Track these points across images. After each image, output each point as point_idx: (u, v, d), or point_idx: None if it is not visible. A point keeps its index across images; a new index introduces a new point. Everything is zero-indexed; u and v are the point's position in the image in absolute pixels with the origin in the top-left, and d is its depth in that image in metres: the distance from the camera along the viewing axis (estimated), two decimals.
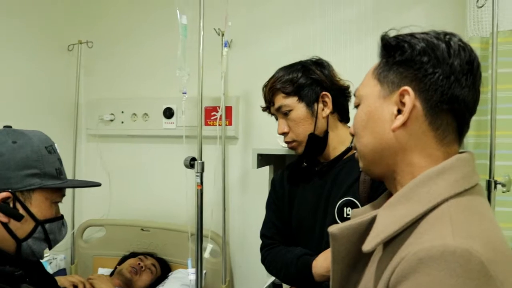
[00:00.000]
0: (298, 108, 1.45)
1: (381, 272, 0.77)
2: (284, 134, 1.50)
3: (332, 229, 0.86)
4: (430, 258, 0.66)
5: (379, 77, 0.87)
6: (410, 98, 0.80)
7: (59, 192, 1.19)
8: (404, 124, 0.81)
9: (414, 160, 0.83)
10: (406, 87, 0.81)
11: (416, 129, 0.81)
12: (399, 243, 0.75)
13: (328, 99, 1.46)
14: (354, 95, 0.96)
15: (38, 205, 1.12)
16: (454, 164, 0.79)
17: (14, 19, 2.48)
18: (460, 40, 0.82)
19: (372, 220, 0.82)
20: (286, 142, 1.52)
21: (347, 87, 1.52)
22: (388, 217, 0.79)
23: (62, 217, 1.21)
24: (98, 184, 1.29)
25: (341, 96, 1.51)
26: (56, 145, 1.20)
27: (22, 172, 1.08)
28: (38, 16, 2.64)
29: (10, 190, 1.07)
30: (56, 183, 1.15)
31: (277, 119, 1.53)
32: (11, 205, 1.07)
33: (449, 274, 0.64)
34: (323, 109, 1.46)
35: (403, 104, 0.81)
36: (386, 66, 0.86)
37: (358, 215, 0.98)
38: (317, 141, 1.46)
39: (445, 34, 0.83)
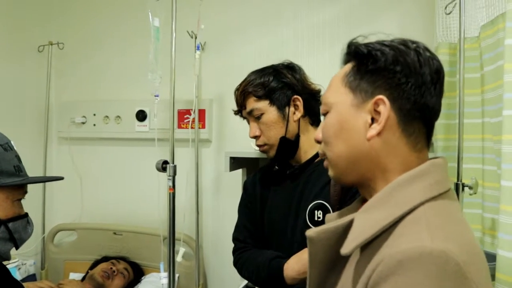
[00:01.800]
0: (269, 112, 1.46)
1: (359, 275, 0.77)
2: (256, 137, 1.51)
3: (310, 232, 0.86)
4: (408, 259, 0.68)
5: (350, 85, 0.86)
6: (386, 107, 0.81)
7: (21, 190, 1.16)
8: (379, 133, 0.82)
9: (388, 167, 0.84)
10: (381, 96, 0.81)
11: (390, 137, 0.82)
12: (377, 246, 0.76)
13: (299, 103, 1.47)
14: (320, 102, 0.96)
15: None
16: (429, 169, 0.81)
17: None
18: (426, 48, 0.84)
19: (349, 224, 0.82)
20: (258, 146, 1.53)
21: (318, 91, 1.54)
22: (365, 221, 0.79)
23: (26, 215, 1.18)
24: (61, 178, 1.27)
25: (312, 100, 1.52)
26: (12, 142, 1.17)
27: None
28: (7, 16, 2.59)
29: None
30: (15, 180, 1.12)
31: (249, 123, 1.54)
32: None
33: (426, 275, 0.66)
34: (294, 113, 1.47)
35: (377, 113, 0.82)
36: (357, 74, 0.86)
37: (331, 219, 0.98)
38: (289, 145, 1.47)
39: (412, 42, 0.84)
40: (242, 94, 1.50)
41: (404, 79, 0.81)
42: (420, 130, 0.84)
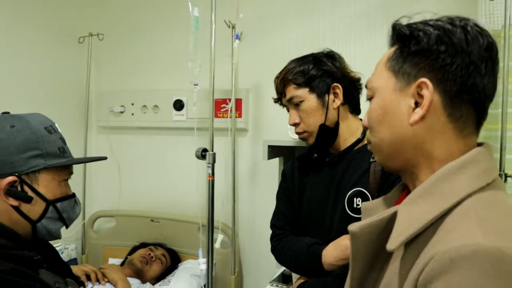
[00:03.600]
0: (309, 99, 1.47)
1: (406, 271, 0.75)
2: (295, 125, 1.51)
3: (352, 227, 0.83)
4: (461, 258, 0.64)
5: (393, 69, 0.84)
6: (429, 90, 0.78)
7: (66, 170, 1.19)
8: (422, 117, 0.79)
9: (433, 154, 0.81)
10: (424, 79, 0.78)
11: (435, 122, 0.79)
12: (424, 241, 0.74)
13: (339, 91, 1.47)
14: (366, 87, 0.93)
15: (46, 185, 1.13)
16: (475, 157, 0.77)
17: (25, 12, 2.51)
18: (476, 24, 0.79)
19: (392, 217, 0.79)
20: (297, 133, 1.54)
21: (358, 79, 1.54)
22: (410, 214, 0.77)
23: (74, 195, 1.22)
24: (104, 158, 1.31)
25: (352, 88, 1.52)
26: (56, 124, 1.20)
27: (24, 155, 1.09)
28: (48, 9, 2.66)
29: (16, 174, 1.08)
30: (60, 161, 1.15)
31: (288, 111, 1.55)
32: (19, 188, 1.08)
33: (481, 274, 0.63)
34: (334, 100, 1.48)
35: (420, 96, 0.79)
36: (400, 57, 0.83)
37: (369, 208, 0.97)
38: (328, 132, 1.48)
39: (460, 19, 0.79)
40: (282, 81, 1.51)
41: (449, 59, 0.77)
42: (469, 115, 0.79)
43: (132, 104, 2.79)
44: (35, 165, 1.10)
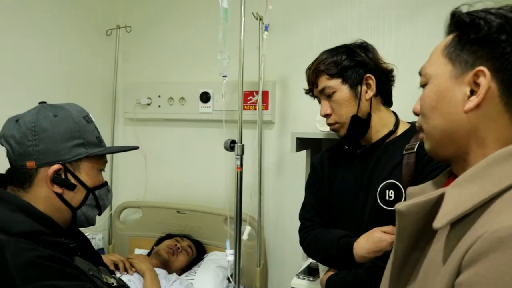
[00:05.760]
0: (341, 90, 1.45)
1: (450, 250, 0.75)
2: (327, 115, 1.50)
3: (399, 206, 0.84)
4: (511, 237, 0.64)
5: (450, 56, 0.84)
6: (486, 79, 0.77)
7: (103, 159, 1.22)
8: (477, 105, 0.79)
9: (486, 141, 0.81)
10: (482, 68, 0.78)
11: (490, 110, 0.79)
12: (470, 222, 0.73)
13: (372, 82, 1.46)
14: (420, 73, 0.92)
15: (86, 173, 1.15)
16: None
17: (53, 5, 2.54)
18: None
19: (439, 198, 0.80)
20: (329, 124, 1.52)
21: (391, 71, 1.52)
22: (458, 195, 0.77)
23: (107, 183, 1.25)
24: (136, 148, 1.34)
25: (384, 79, 1.50)
26: (90, 114, 1.23)
27: (68, 144, 1.11)
28: (77, 1, 2.69)
29: (60, 162, 1.10)
30: (99, 150, 1.18)
31: (319, 102, 1.53)
32: (63, 176, 1.11)
33: None
34: (366, 92, 1.46)
35: (477, 84, 0.79)
36: (458, 44, 0.83)
37: (414, 192, 0.96)
38: (360, 123, 1.46)
39: None
40: (314, 72, 1.50)
41: (509, 48, 0.76)
42: None
43: (159, 96, 2.80)
44: (78, 154, 1.13)
